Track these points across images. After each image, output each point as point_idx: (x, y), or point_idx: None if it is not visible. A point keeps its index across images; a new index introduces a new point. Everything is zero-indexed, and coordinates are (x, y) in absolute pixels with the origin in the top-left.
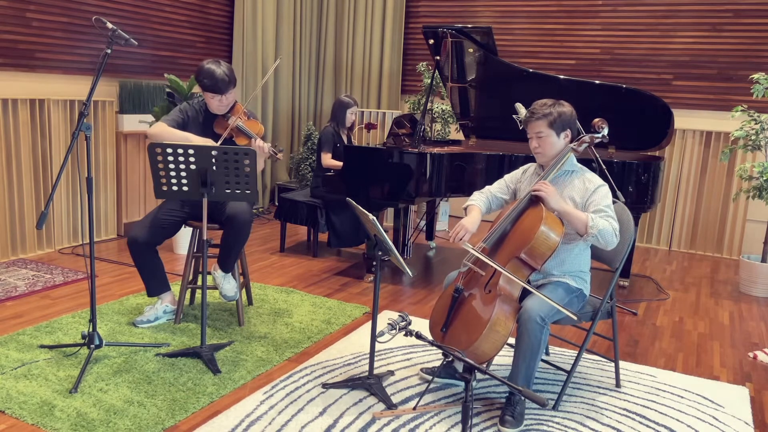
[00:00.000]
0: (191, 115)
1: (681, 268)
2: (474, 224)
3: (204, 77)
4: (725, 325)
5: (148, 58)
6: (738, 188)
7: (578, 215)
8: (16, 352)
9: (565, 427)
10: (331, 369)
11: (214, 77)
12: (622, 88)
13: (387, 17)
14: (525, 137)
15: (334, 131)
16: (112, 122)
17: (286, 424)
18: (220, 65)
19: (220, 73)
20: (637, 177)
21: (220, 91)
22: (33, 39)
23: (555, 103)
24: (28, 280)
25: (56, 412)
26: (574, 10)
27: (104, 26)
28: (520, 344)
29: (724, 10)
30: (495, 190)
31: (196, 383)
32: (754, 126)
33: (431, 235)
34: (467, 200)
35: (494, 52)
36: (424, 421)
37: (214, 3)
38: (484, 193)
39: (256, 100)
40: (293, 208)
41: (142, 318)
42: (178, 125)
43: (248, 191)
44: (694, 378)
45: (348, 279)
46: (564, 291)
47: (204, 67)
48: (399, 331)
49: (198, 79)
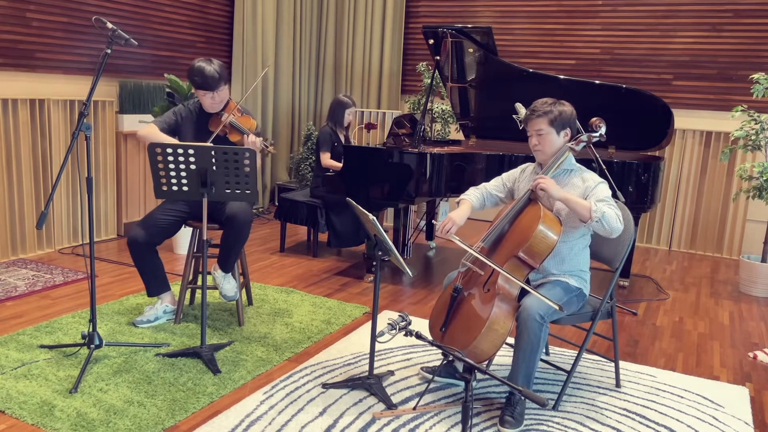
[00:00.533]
0: (185, 116)
1: (681, 268)
2: (462, 218)
3: (195, 75)
4: (725, 325)
5: (148, 58)
6: (738, 188)
7: (581, 201)
8: (16, 352)
9: (565, 427)
10: (331, 369)
11: (204, 74)
12: (622, 88)
13: (387, 17)
14: (525, 137)
15: (331, 131)
16: (112, 122)
17: (286, 424)
18: (211, 63)
19: (210, 70)
20: (637, 177)
21: (211, 87)
22: (33, 39)
23: (556, 102)
24: (28, 280)
25: (56, 412)
26: (574, 10)
27: (104, 26)
28: (519, 343)
29: (724, 10)
30: (491, 187)
31: (196, 383)
32: (754, 126)
33: (431, 235)
34: (461, 195)
35: (494, 52)
36: (424, 421)
37: (214, 3)
38: (479, 189)
39: (256, 100)
40: (293, 208)
41: (142, 318)
42: (169, 127)
43: (248, 191)
44: (694, 378)
45: (348, 279)
46: (563, 290)
47: (195, 65)
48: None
49: (189, 77)
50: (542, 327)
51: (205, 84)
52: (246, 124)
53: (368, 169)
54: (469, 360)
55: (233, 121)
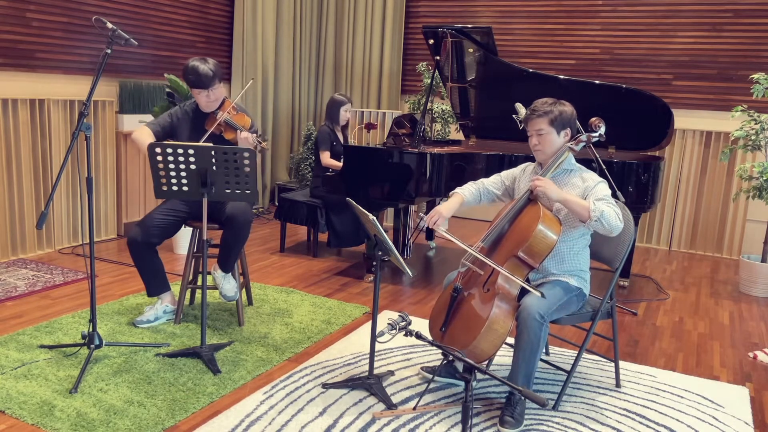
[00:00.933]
0: (181, 117)
1: (681, 268)
2: (449, 210)
3: (189, 73)
4: (725, 325)
5: (148, 58)
6: (738, 188)
7: (580, 201)
8: (16, 352)
9: (565, 427)
10: (331, 369)
11: (198, 72)
12: (622, 88)
13: (387, 17)
14: (525, 137)
15: (329, 130)
16: (112, 122)
17: (286, 424)
18: (206, 62)
19: (204, 68)
20: (637, 177)
21: (205, 85)
22: (33, 39)
23: (556, 102)
24: (28, 280)
25: (56, 412)
26: (574, 10)
27: (104, 26)
28: (519, 342)
29: (724, 10)
30: (488, 183)
31: (196, 383)
32: (754, 126)
33: (431, 235)
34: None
35: (494, 52)
36: (424, 421)
37: (214, 3)
38: (476, 184)
39: (255, 100)
40: (293, 208)
41: (142, 318)
42: (163, 130)
43: (248, 191)
44: (694, 378)
45: (348, 279)
46: (563, 290)
47: (189, 64)
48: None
49: (184, 76)
50: (542, 327)
51: (199, 82)
52: (240, 121)
53: (368, 169)
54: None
55: (228, 119)
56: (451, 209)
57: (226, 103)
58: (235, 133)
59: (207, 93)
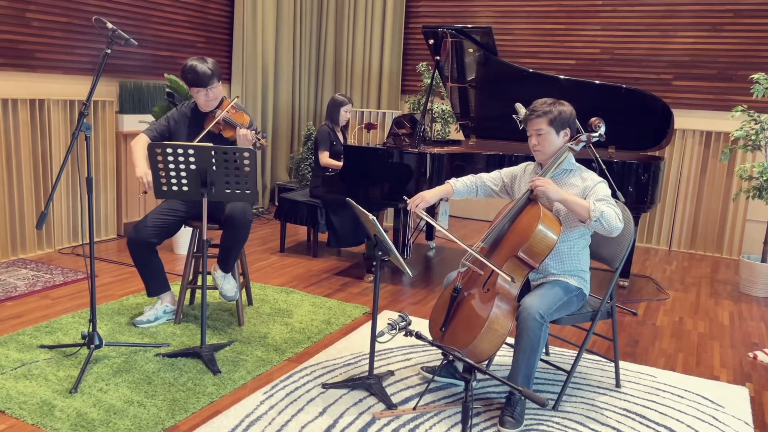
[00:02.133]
0: (178, 119)
1: (681, 268)
2: (433, 196)
3: (187, 72)
4: (725, 325)
5: (148, 58)
6: (738, 188)
7: (580, 201)
8: (16, 352)
9: (565, 427)
10: (331, 369)
11: (196, 71)
12: (622, 88)
13: (387, 17)
14: (525, 137)
15: (329, 129)
16: (112, 122)
17: (286, 424)
18: (204, 61)
19: (202, 67)
20: (637, 177)
21: (203, 84)
22: (33, 39)
23: (555, 102)
24: (28, 280)
25: (56, 412)
26: (574, 10)
27: (104, 26)
28: (519, 342)
29: (724, 10)
30: (487, 178)
31: (196, 383)
32: (754, 126)
33: (431, 235)
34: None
35: (494, 52)
36: (424, 421)
37: (214, 3)
38: (474, 177)
39: (255, 100)
40: (293, 208)
41: (142, 318)
42: (161, 135)
43: (248, 191)
44: (694, 378)
45: (348, 279)
46: (563, 290)
47: (187, 63)
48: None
49: (182, 75)
50: (542, 326)
51: (197, 81)
52: (239, 119)
53: (368, 169)
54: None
55: (226, 117)
56: (435, 195)
57: (224, 102)
58: (234, 131)
59: (206, 92)
